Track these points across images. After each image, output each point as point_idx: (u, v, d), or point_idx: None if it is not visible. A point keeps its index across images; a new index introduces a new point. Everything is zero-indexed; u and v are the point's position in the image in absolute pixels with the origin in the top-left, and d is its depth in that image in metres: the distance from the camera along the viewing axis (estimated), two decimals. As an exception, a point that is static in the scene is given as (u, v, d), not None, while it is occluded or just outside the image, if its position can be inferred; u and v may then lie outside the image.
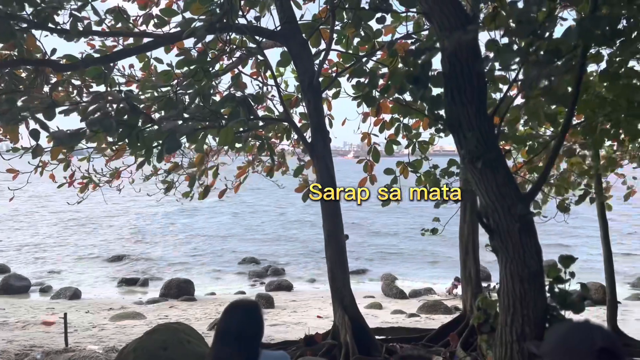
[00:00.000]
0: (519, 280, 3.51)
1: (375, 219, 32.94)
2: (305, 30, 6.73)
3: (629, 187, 9.58)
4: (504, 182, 3.56)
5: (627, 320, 10.94)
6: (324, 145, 6.86)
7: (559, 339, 1.57)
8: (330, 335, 6.69)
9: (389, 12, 4.38)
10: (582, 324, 1.58)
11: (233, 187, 8.12)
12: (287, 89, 8.55)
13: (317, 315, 10.92)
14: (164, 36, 6.34)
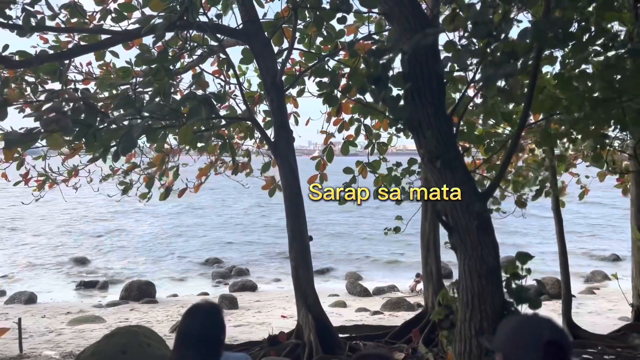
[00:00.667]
0: (477, 277, 3.59)
1: (338, 218, 33.11)
2: (268, 29, 6.71)
3: (582, 186, 9.93)
4: (462, 180, 3.63)
5: (581, 313, 11.34)
6: (288, 144, 6.84)
7: (508, 333, 1.61)
8: (294, 334, 6.68)
9: (349, 12, 4.41)
10: (530, 318, 1.63)
11: (194, 188, 8.01)
12: (250, 88, 8.51)
13: (281, 315, 10.90)
14: (122, 33, 6.20)
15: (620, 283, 9.63)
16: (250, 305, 12.48)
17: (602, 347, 7.48)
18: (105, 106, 6.44)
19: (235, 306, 12.16)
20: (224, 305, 12.05)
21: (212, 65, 7.93)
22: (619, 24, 5.68)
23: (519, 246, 22.11)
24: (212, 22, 6.27)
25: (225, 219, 34.78)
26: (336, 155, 8.15)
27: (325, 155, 7.84)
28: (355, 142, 8.07)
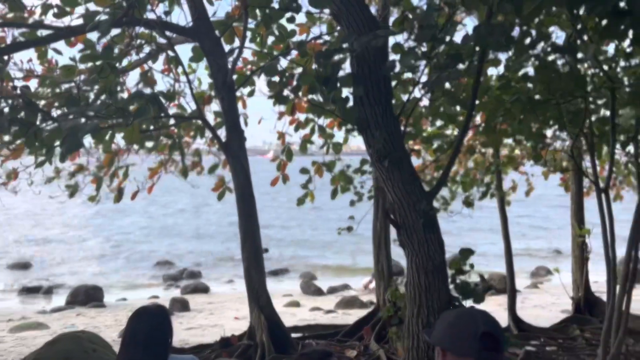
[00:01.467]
0: (424, 273, 3.68)
1: (292, 219, 33.12)
2: (218, 27, 6.64)
3: (528, 184, 10.32)
4: (409, 179, 3.72)
5: (526, 307, 11.76)
6: (239, 145, 6.80)
7: (446, 326, 1.67)
8: (246, 336, 6.65)
9: (298, 12, 4.42)
10: (467, 311, 1.69)
11: (146, 189, 7.82)
12: (200, 87, 8.39)
13: (234, 317, 10.80)
14: (65, 29, 5.99)
15: (562, 277, 10.07)
16: (203, 308, 12.30)
17: (544, 339, 7.80)
18: (48, 105, 6.21)
19: (186, 309, 11.96)
20: (175, 308, 11.83)
21: (162, 63, 7.77)
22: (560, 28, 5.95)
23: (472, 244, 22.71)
24: (160, 19, 6.15)
25: (177, 221, 34.15)
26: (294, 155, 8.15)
27: (284, 156, 7.81)
28: (312, 141, 8.09)
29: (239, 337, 6.87)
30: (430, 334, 1.74)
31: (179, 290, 15.45)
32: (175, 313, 11.54)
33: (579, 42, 4.37)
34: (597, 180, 5.46)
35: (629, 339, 7.10)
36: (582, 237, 8.86)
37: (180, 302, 12.23)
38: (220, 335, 7.05)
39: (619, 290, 5.45)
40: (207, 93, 8.08)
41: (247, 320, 6.99)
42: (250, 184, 6.70)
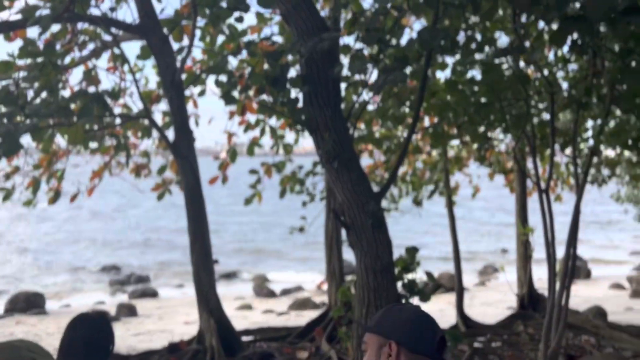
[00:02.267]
0: (372, 273, 3.71)
1: (243, 220, 32.83)
2: (166, 25, 6.50)
3: (473, 186, 10.62)
4: (358, 180, 3.75)
5: (473, 304, 12.08)
6: (188, 145, 6.68)
7: (406, 322, 1.67)
8: (195, 340, 6.52)
9: (246, 11, 4.39)
10: (422, 311, 1.71)
11: (86, 191, 7.54)
12: (148, 85, 8.19)
13: (184, 322, 10.58)
14: (3, 23, 5.71)
15: (508, 275, 10.41)
16: (151, 313, 11.99)
17: (490, 335, 8.04)
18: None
19: (134, 314, 11.62)
20: (122, 313, 11.48)
21: (107, 61, 7.52)
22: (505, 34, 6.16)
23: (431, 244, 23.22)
24: (105, 15, 5.96)
25: (123, 223, 33.18)
26: (242, 156, 8.08)
27: (228, 156, 7.72)
28: (260, 142, 8.04)
29: (188, 342, 6.73)
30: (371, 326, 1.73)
31: (127, 296, 15.00)
32: (122, 319, 11.19)
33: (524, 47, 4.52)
34: (539, 181, 5.68)
35: (568, 333, 7.43)
36: (526, 236, 9.19)
37: (127, 307, 11.88)
38: (169, 341, 6.89)
39: (558, 286, 5.68)
40: (156, 92, 7.90)
41: (198, 325, 6.86)
42: (200, 185, 6.58)
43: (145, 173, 8.41)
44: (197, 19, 6.11)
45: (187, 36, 6.62)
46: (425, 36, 2.99)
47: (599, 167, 8.54)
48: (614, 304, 11.19)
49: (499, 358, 6.91)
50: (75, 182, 7.25)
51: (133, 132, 8.04)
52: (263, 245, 25.83)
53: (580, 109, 4.85)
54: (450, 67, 5.52)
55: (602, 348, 7.35)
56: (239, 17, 4.71)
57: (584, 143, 7.24)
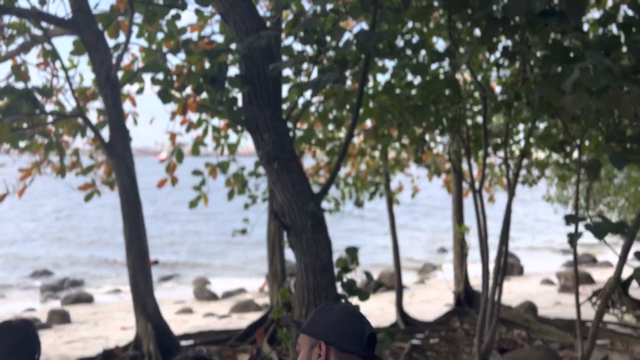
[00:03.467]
0: (312, 273, 3.73)
1: (183, 222, 32.17)
2: (101, 21, 6.27)
3: (413, 186, 10.88)
4: (298, 181, 3.76)
5: (413, 302, 12.37)
6: (124, 145, 6.47)
7: (334, 321, 1.68)
8: (131, 346, 6.32)
9: (184, 9, 4.30)
10: (352, 310, 1.73)
11: (16, 191, 7.16)
12: (82, 83, 7.87)
13: (121, 327, 10.23)
14: None
15: (446, 273, 10.74)
16: (86, 319, 11.51)
17: (428, 332, 8.26)
18: None
19: (67, 321, 11.11)
20: (54, 320, 10.95)
21: (37, 56, 7.16)
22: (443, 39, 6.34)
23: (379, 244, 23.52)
24: (34, 8, 5.68)
25: (54, 225, 31.68)
26: (186, 156, 7.89)
27: (174, 157, 7.52)
28: (204, 142, 7.89)
29: (124, 347, 6.52)
30: (291, 321, 1.75)
31: (59, 302, 14.32)
32: (54, 326, 10.68)
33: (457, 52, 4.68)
34: (473, 182, 5.89)
35: (501, 328, 7.75)
36: (462, 235, 9.50)
37: (59, 313, 11.35)
38: (103, 347, 6.64)
39: (491, 283, 5.91)
40: (90, 89, 7.60)
41: (135, 330, 6.65)
42: (136, 186, 6.40)
43: (78, 172, 8.07)
44: (134, 15, 5.93)
45: (124, 33, 6.41)
46: (362, 39, 3.04)
47: (530, 169, 8.96)
48: (544, 299, 11.78)
49: (436, 354, 7.11)
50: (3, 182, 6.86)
51: (66, 131, 7.71)
52: (204, 247, 25.39)
53: (511, 113, 5.07)
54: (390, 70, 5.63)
55: (532, 341, 7.71)
56: (176, 15, 4.61)
57: (516, 145, 7.58)
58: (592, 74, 2.71)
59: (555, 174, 10.04)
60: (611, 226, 2.98)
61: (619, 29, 4.03)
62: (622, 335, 7.77)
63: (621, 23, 4.00)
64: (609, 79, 2.71)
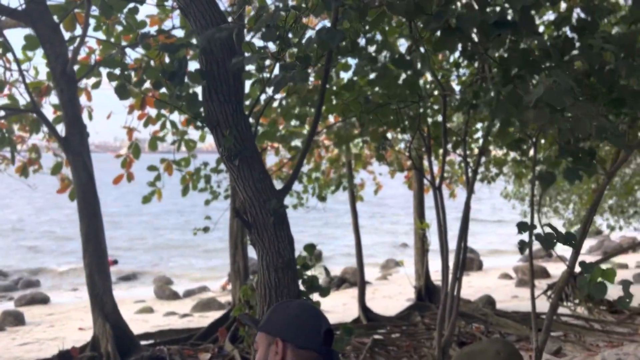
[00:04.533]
0: (274, 270, 3.71)
1: (143, 219, 31.58)
2: (56, 13, 6.07)
3: (376, 183, 11.00)
4: (260, 178, 3.73)
5: (376, 297, 12.53)
6: (81, 140, 6.30)
7: (291, 318, 1.69)
8: (89, 347, 6.17)
9: (142, 4, 4.21)
10: (309, 306, 1.74)
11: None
12: (37, 76, 7.60)
13: (78, 328, 9.97)
14: None
15: (408, 268, 10.90)
16: (41, 320, 11.17)
17: (390, 327, 8.37)
18: None
19: (21, 322, 10.75)
20: (7, 322, 10.58)
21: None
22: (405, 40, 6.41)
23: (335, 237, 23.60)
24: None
25: (6, 223, 30.56)
26: (145, 152, 7.73)
27: (131, 152, 7.35)
28: (163, 138, 7.74)
29: (81, 348, 6.35)
30: (249, 319, 1.74)
31: (13, 303, 13.83)
32: (8, 328, 10.33)
33: (417, 52, 4.74)
34: (433, 179, 5.99)
35: (460, 321, 7.92)
36: (423, 231, 9.66)
37: (13, 315, 10.97)
38: (59, 349, 6.45)
39: (451, 278, 6.03)
40: (45, 84, 7.35)
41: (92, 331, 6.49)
42: (94, 182, 6.24)
43: (35, 169, 7.82)
44: (90, 7, 5.77)
45: (80, 25, 6.23)
46: (324, 37, 3.05)
47: (488, 166, 9.18)
48: (502, 292, 12.11)
49: (397, 348, 7.21)
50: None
51: (20, 127, 7.45)
52: (166, 245, 24.98)
53: (470, 112, 5.18)
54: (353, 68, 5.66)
55: (491, 334, 7.92)
56: (133, 8, 4.50)
57: (475, 143, 7.75)
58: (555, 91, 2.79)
59: (513, 171, 10.32)
60: (560, 237, 3.09)
61: (573, 32, 4.18)
62: (575, 327, 8.06)
63: (574, 26, 4.14)
64: (572, 99, 2.80)
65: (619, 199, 11.85)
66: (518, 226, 3.47)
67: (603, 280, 2.95)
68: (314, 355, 1.65)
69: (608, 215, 12.54)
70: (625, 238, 19.17)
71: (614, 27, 5.22)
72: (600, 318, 8.59)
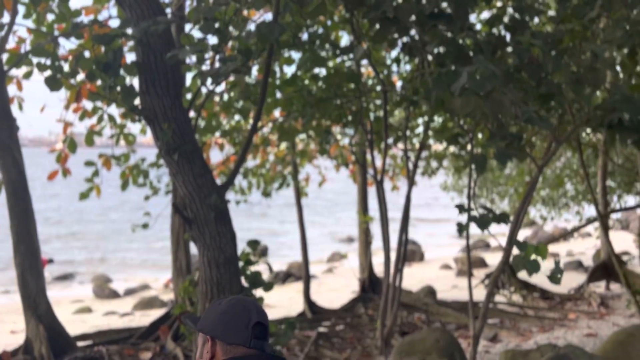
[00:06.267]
0: (215, 266, 3.68)
1: (79, 216, 30.42)
2: (-20, -2, 5.70)
3: (322, 176, 11.05)
4: (200, 173, 3.68)
5: (321, 291, 12.61)
6: (10, 134, 5.98)
7: (218, 315, 1.68)
8: (22, 350, 5.89)
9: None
10: (239, 301, 1.72)
11: None
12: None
13: (10, 331, 9.48)
14: None
15: (352, 261, 11.05)
16: (-30, 324, 10.56)
17: (335, 319, 8.46)
18: None
19: (-53, 327, 10.13)
20: None
21: None
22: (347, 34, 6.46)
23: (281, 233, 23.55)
24: None
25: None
26: (82, 147, 7.41)
27: (66, 147, 7.03)
28: (100, 131, 7.45)
29: (12, 352, 6.05)
30: (195, 320, 1.74)
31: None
32: None
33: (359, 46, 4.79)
34: (375, 173, 6.09)
35: (402, 312, 8.11)
36: (366, 224, 9.81)
37: (-63, 320, 10.30)
38: (-12, 354, 6.11)
39: (393, 269, 6.17)
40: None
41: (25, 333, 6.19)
42: (24, 178, 5.94)
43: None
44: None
45: (8, 12, 5.89)
46: (262, 30, 3.03)
47: (429, 160, 9.42)
48: (442, 283, 12.48)
49: (342, 340, 7.30)
50: None
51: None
52: (106, 242, 24.16)
53: (410, 107, 5.29)
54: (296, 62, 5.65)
55: (431, 323, 8.16)
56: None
57: (416, 138, 7.94)
58: (478, 78, 2.90)
59: (452, 165, 10.65)
60: (494, 217, 3.22)
61: (505, 30, 4.35)
62: (510, 314, 8.44)
63: (507, 24, 4.31)
64: (494, 84, 2.92)
65: (551, 191, 12.47)
66: (457, 207, 3.61)
67: (537, 256, 3.11)
68: (244, 350, 1.64)
69: (541, 207, 13.18)
70: (557, 228, 20.21)
71: (545, 26, 5.47)
72: (533, 305, 9.02)
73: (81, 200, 6.58)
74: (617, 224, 20.10)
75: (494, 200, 13.23)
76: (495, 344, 7.16)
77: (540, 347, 4.68)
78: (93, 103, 6.80)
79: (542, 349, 4.51)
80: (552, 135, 4.47)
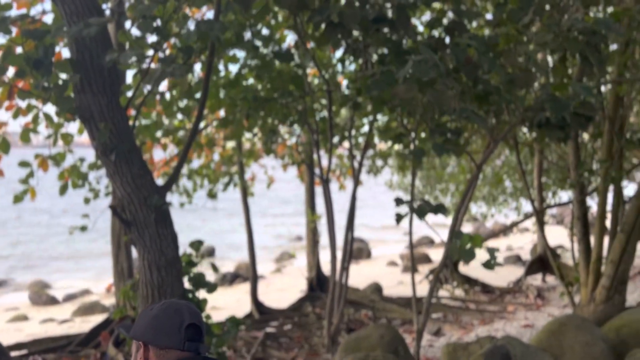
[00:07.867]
0: (156, 269, 3.59)
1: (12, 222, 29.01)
2: None
3: (268, 176, 11.00)
4: (139, 174, 3.58)
5: (270, 291, 12.56)
6: None
7: (150, 320, 1.65)
8: (-53, 363, 5.53)
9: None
10: (171, 304, 1.69)
11: None
12: None
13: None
14: None
15: (300, 260, 11.07)
16: None
17: (282, 319, 8.45)
18: None
19: None
20: None
21: None
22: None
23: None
24: None
25: None
26: (16, 147, 7.04)
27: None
28: (35, 129, 7.11)
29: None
30: (129, 327, 1.70)
31: None
32: None
33: (302, 47, 4.81)
34: (321, 172, 6.13)
35: (349, 309, 8.20)
36: (314, 223, 9.85)
37: None
38: None
39: (339, 267, 6.23)
40: None
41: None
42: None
43: None
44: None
45: None
46: (202, 28, 2.98)
47: (374, 159, 9.56)
48: (389, 279, 12.71)
49: (289, 340, 7.31)
50: None
51: None
52: (43, 246, 23.10)
53: (354, 107, 5.36)
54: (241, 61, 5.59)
55: (378, 320, 8.30)
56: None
57: (362, 137, 8.04)
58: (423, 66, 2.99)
59: (396, 163, 10.86)
60: (431, 207, 3.32)
61: (445, 32, 4.48)
62: (453, 308, 8.70)
63: (446, 26, 4.44)
64: (436, 72, 3.02)
65: (491, 188, 12.94)
66: (396, 201, 3.69)
67: (472, 245, 3.23)
68: (177, 353, 1.62)
69: (482, 204, 13.65)
70: (497, 224, 20.99)
71: (482, 29, 5.67)
72: (475, 299, 9.34)
73: (15, 203, 6.28)
74: (552, 219, 21.12)
75: (437, 197, 13.59)
76: (439, 337, 7.36)
77: (480, 339, 4.85)
78: (25, 101, 6.49)
79: (481, 341, 4.68)
80: (490, 134, 4.64)
